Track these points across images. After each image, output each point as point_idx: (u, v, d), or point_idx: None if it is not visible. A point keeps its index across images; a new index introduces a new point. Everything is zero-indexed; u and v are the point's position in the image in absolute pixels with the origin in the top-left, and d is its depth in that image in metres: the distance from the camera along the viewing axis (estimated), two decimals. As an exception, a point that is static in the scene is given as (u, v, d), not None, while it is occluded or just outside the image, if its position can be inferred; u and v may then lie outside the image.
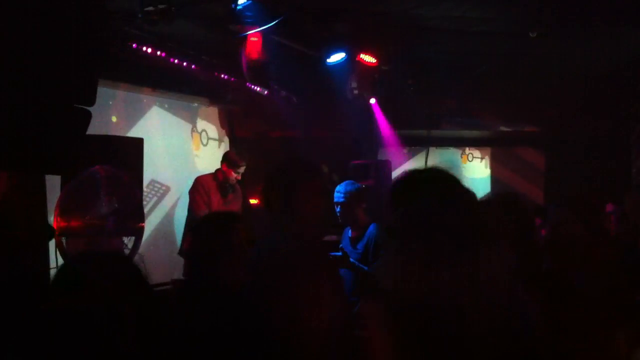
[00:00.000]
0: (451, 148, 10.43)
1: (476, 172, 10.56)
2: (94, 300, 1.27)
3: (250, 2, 5.21)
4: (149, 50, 5.70)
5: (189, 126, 7.71)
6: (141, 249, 5.14)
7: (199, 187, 5.98)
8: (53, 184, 4.49)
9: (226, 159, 6.09)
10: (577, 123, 8.66)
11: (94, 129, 4.07)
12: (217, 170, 6.10)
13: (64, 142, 3.08)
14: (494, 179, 10.46)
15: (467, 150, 10.67)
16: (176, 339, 1.90)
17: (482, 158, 10.73)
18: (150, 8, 4.85)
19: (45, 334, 1.29)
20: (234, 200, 6.11)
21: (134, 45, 5.52)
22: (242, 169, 6.06)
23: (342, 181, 4.58)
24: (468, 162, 10.68)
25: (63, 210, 4.41)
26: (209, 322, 2.12)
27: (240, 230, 2.40)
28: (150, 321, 1.37)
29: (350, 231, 4.52)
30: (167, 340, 1.65)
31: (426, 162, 9.35)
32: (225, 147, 8.17)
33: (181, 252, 5.60)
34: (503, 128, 9.70)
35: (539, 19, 5.54)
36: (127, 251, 4.92)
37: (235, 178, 6.04)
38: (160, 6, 4.81)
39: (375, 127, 8.88)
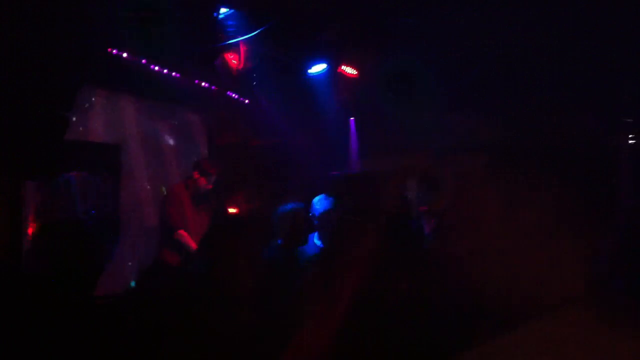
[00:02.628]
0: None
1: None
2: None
3: (233, 11, 5.23)
4: (129, 56, 5.67)
5: (168, 133, 7.67)
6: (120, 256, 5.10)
7: (172, 197, 5.91)
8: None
9: (198, 167, 6.02)
10: (566, 135, 8.70)
11: (71, 134, 4.04)
12: (188, 179, 6.03)
13: (40, 148, 3.05)
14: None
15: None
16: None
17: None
18: (131, 14, 4.84)
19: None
20: (205, 209, 6.04)
21: (114, 51, 5.49)
22: (213, 178, 6.00)
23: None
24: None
25: (38, 215, 4.35)
26: None
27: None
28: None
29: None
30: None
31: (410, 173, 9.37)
32: (203, 155, 8.13)
33: (158, 263, 5.52)
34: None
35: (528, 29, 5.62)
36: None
37: (206, 186, 5.97)
38: (142, 13, 4.81)
39: (355, 138, 8.92)
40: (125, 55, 5.62)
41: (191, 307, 2.35)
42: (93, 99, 6.37)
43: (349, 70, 6.91)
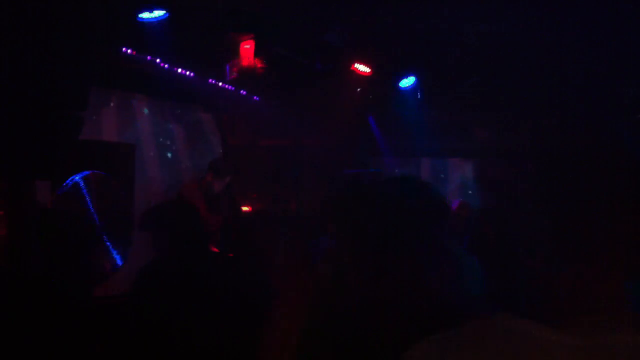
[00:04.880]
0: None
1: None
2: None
3: (244, 9, 5.21)
4: (142, 55, 5.66)
5: (181, 133, 7.67)
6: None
7: (184, 196, 5.87)
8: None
9: (212, 167, 5.98)
10: (568, 135, 8.63)
11: (85, 134, 4.04)
12: (202, 179, 5.99)
13: (55, 148, 3.05)
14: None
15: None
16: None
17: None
18: (144, 13, 4.84)
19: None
20: (218, 210, 6.00)
21: (126, 50, 5.48)
22: (227, 179, 5.97)
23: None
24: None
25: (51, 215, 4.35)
26: None
27: None
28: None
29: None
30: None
31: (418, 172, 9.34)
32: (217, 154, 8.13)
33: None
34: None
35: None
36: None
37: (220, 187, 5.93)
38: (155, 12, 4.81)
39: (368, 136, 8.88)
40: (138, 54, 5.62)
41: (197, 308, 2.33)
42: (107, 99, 6.39)
43: (362, 68, 6.86)
